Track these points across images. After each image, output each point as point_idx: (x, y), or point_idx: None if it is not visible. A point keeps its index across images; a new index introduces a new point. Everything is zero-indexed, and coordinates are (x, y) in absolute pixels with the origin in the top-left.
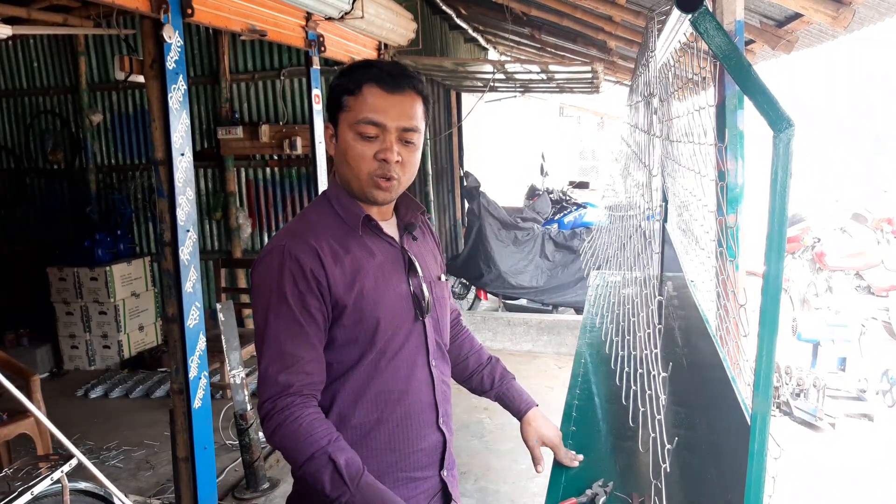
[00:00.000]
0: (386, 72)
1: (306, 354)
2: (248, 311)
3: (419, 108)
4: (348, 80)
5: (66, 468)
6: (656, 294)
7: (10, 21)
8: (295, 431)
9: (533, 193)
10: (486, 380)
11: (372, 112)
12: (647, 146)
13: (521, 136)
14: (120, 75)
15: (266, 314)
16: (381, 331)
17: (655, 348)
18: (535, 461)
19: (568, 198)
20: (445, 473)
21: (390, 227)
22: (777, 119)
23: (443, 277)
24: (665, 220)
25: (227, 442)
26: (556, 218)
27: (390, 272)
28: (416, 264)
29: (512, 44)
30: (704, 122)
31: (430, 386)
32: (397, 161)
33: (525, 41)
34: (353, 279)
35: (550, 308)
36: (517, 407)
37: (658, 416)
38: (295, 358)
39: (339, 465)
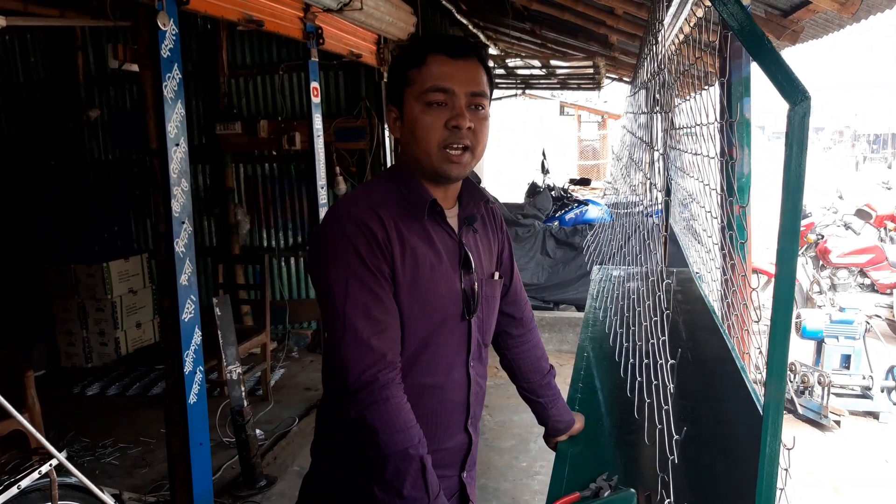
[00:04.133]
0: (448, 40)
1: (392, 321)
2: (246, 309)
3: (484, 76)
4: (410, 55)
5: (54, 462)
6: (664, 278)
7: (4, 13)
8: (395, 417)
9: (534, 191)
10: (538, 391)
11: (438, 79)
12: (651, 125)
13: (522, 134)
14: (114, 64)
15: (346, 279)
16: (427, 323)
17: (663, 335)
18: None
19: (569, 195)
20: (465, 475)
21: (451, 217)
22: (792, 91)
23: (496, 276)
24: (669, 215)
25: (224, 439)
26: (557, 215)
27: (445, 265)
28: (472, 261)
29: (513, 40)
30: (709, 105)
31: (465, 386)
32: (469, 127)
33: (526, 37)
34: (409, 264)
35: (551, 305)
36: (557, 427)
37: (665, 407)
38: (383, 324)
39: (427, 474)
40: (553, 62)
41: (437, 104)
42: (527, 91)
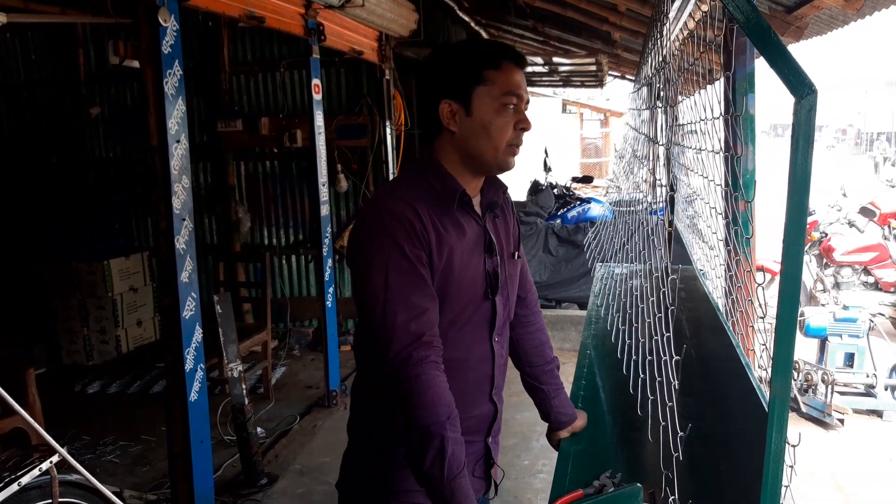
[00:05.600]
0: (514, 51)
1: (431, 305)
2: (247, 307)
3: None
4: (486, 55)
5: (54, 459)
6: (669, 274)
7: (5, 10)
8: (423, 393)
9: (536, 188)
10: (542, 377)
11: (516, 86)
12: (654, 119)
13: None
14: (114, 60)
15: (386, 270)
16: (457, 304)
17: (667, 332)
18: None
19: (571, 193)
20: (490, 440)
21: (476, 206)
22: (799, 84)
23: (516, 255)
24: (672, 212)
25: (225, 438)
26: (559, 213)
27: (473, 249)
28: (495, 245)
29: (515, 37)
30: (714, 101)
31: (489, 359)
32: None
33: (528, 34)
34: (444, 251)
35: (554, 303)
36: (559, 419)
37: (669, 404)
38: (421, 308)
39: (446, 453)
40: (555, 59)
41: (511, 107)
42: (529, 88)
